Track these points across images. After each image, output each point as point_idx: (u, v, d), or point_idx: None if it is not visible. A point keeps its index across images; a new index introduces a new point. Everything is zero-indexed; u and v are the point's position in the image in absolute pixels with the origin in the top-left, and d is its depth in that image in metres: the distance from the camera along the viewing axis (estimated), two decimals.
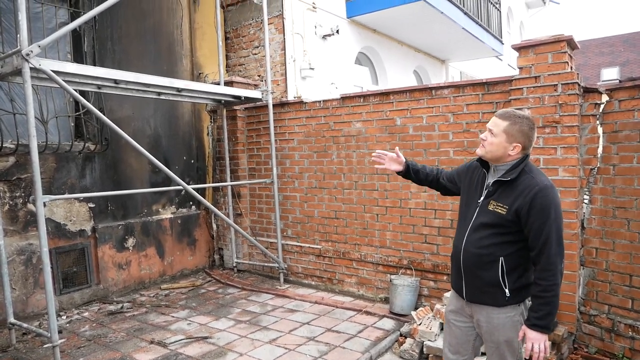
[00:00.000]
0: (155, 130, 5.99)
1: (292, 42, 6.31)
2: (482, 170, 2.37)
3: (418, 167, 2.74)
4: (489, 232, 2.23)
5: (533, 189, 2.12)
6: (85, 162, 5.26)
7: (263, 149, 6.09)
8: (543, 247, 2.09)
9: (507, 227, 2.18)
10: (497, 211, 2.21)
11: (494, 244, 2.21)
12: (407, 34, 8.70)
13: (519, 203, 2.14)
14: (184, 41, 6.32)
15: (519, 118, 2.19)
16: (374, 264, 5.11)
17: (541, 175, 2.20)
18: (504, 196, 2.21)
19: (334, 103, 5.34)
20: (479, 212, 2.30)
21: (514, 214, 2.15)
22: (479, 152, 2.31)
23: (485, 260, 2.23)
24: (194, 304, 5.18)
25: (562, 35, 3.77)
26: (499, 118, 2.23)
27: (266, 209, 6.14)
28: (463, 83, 4.44)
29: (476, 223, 2.29)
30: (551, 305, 2.10)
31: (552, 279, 2.08)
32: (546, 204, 2.09)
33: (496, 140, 2.21)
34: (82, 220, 5.24)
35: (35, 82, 3.85)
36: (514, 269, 2.20)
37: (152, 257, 5.92)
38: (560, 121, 3.80)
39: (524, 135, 2.18)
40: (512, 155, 2.21)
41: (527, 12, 16.79)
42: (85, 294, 5.24)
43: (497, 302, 2.23)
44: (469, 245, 2.30)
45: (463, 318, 2.43)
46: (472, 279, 2.30)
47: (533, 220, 2.10)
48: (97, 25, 5.34)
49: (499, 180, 2.23)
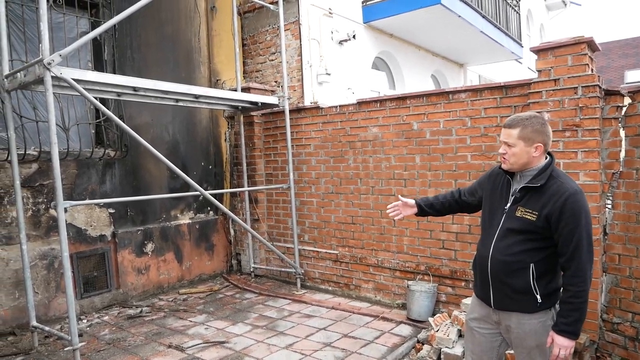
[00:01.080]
0: (173, 136, 6.07)
1: (308, 47, 6.34)
2: (506, 177, 2.34)
3: (430, 200, 2.72)
4: (518, 238, 2.21)
5: (563, 195, 2.09)
6: (105, 169, 5.36)
7: (280, 155, 6.12)
8: (574, 253, 2.07)
9: (537, 233, 2.16)
10: (526, 217, 2.18)
11: (523, 251, 2.19)
12: (424, 38, 8.66)
13: (549, 209, 2.11)
14: (202, 48, 6.40)
15: (527, 120, 2.18)
16: (391, 270, 5.07)
17: (570, 180, 2.18)
18: (532, 202, 2.18)
19: (350, 108, 5.33)
20: (505, 218, 2.27)
21: (544, 220, 2.13)
22: (505, 167, 2.29)
23: (514, 268, 2.20)
24: (212, 308, 5.22)
25: (582, 37, 3.70)
26: (508, 128, 2.22)
27: (283, 214, 6.16)
28: (481, 87, 4.39)
29: (504, 230, 2.26)
30: (580, 311, 2.08)
31: (582, 285, 2.06)
32: (577, 209, 2.07)
33: (517, 150, 2.19)
34: (102, 225, 5.33)
35: (57, 90, 3.95)
36: (544, 275, 2.18)
37: (170, 262, 5.99)
38: (580, 124, 3.72)
39: (540, 133, 2.16)
40: (537, 156, 2.19)
41: (548, 14, 16.56)
42: (105, 298, 5.32)
43: (528, 309, 2.20)
44: (496, 253, 2.26)
45: (488, 325, 2.39)
46: (501, 287, 2.26)
47: (564, 225, 2.08)
48: (117, 34, 5.45)
49: (527, 186, 2.20)
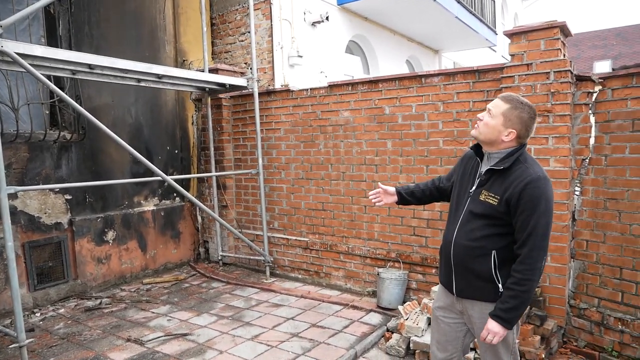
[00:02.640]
0: (136, 119, 5.79)
1: (279, 28, 6.12)
2: (476, 159, 2.24)
3: (411, 188, 2.59)
4: (480, 223, 2.10)
5: (525, 179, 1.99)
6: (61, 152, 5.06)
7: (249, 139, 5.91)
8: (526, 240, 1.97)
9: (499, 218, 2.06)
10: (488, 201, 2.08)
11: (485, 237, 2.09)
12: (399, 22, 8.52)
13: (509, 193, 2.02)
14: (167, 27, 6.10)
15: (521, 104, 2.06)
16: (362, 257, 4.98)
17: (536, 165, 2.07)
18: (496, 186, 2.08)
19: (321, 91, 5.17)
20: (470, 202, 2.17)
21: (505, 205, 2.03)
22: (473, 132, 2.18)
23: (476, 254, 2.10)
24: (176, 299, 5.02)
25: (555, 21, 3.62)
26: (501, 100, 2.10)
27: (252, 201, 5.98)
28: (453, 71, 4.29)
29: (467, 214, 2.16)
30: (519, 299, 1.98)
31: (528, 274, 1.96)
32: (536, 195, 1.96)
33: (492, 122, 2.08)
34: (58, 212, 5.04)
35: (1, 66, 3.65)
36: (506, 262, 2.07)
37: (133, 251, 5.74)
38: (552, 110, 3.67)
39: (522, 122, 2.05)
40: (506, 142, 2.08)
41: (522, 3, 16.65)
42: (61, 289, 5.05)
43: (490, 297, 2.10)
44: (459, 238, 2.17)
45: (452, 314, 2.30)
46: (464, 273, 2.17)
47: (521, 210, 1.98)
48: (73, 8, 5.11)
49: (492, 169, 2.10)
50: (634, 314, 3.43)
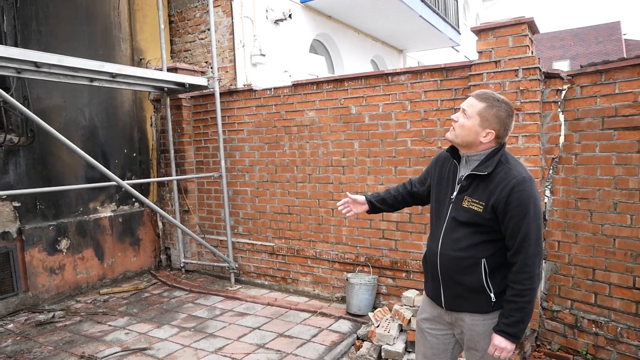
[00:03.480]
0: (90, 121, 5.45)
1: (241, 26, 5.89)
2: (453, 161, 2.08)
3: (381, 195, 2.42)
4: (465, 231, 1.96)
5: (510, 182, 1.85)
6: (7, 156, 4.69)
7: (211, 141, 5.66)
8: (520, 247, 1.84)
9: (486, 225, 1.92)
10: (472, 208, 1.93)
11: (473, 245, 1.94)
12: (363, 21, 8.43)
13: (495, 198, 1.88)
14: (123, 24, 5.78)
15: (497, 101, 1.92)
16: (330, 262, 4.82)
17: (519, 166, 1.93)
18: (479, 191, 1.94)
19: (285, 91, 4.98)
20: (452, 209, 2.02)
21: (491, 211, 1.89)
22: (448, 136, 2.02)
23: (465, 264, 1.96)
24: (135, 310, 4.74)
25: (523, 18, 3.57)
26: (475, 98, 1.95)
27: (215, 205, 5.73)
28: (421, 69, 4.19)
29: (450, 222, 2.01)
30: (524, 311, 1.85)
31: (528, 283, 1.84)
32: (524, 199, 1.83)
33: (468, 123, 1.93)
34: (5, 221, 4.67)
35: None
36: (497, 270, 1.94)
37: (89, 260, 5.40)
38: (521, 108, 3.61)
39: (500, 121, 1.91)
40: (484, 143, 1.94)
41: (483, 4, 16.92)
42: (10, 303, 4.68)
43: (482, 309, 1.96)
44: (445, 248, 2.01)
45: (440, 326, 2.14)
46: (452, 285, 2.02)
47: (510, 216, 1.85)
48: (19, 3, 4.75)
49: (473, 174, 1.95)
50: (608, 315, 3.39)
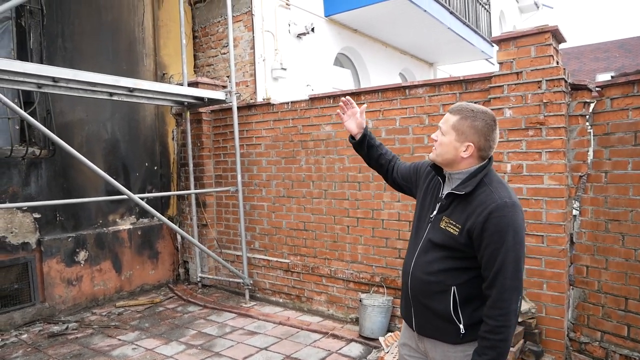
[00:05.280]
0: (112, 134, 5.53)
1: (262, 40, 5.88)
2: (438, 177, 1.92)
3: (375, 142, 2.27)
4: (439, 254, 1.79)
5: (488, 207, 1.67)
6: (30, 169, 4.80)
7: (230, 155, 5.63)
8: (495, 279, 1.65)
9: (460, 250, 1.74)
10: (449, 230, 1.76)
11: (444, 270, 1.77)
12: (390, 34, 8.29)
13: (471, 222, 1.69)
14: (147, 40, 5.88)
15: (471, 112, 1.75)
16: (345, 281, 4.64)
17: (503, 189, 1.73)
18: (457, 212, 1.76)
19: (302, 104, 4.89)
20: (430, 229, 1.85)
21: (466, 236, 1.71)
22: (431, 156, 1.88)
23: (434, 289, 1.79)
24: (147, 324, 4.70)
25: (547, 26, 3.35)
26: (449, 113, 1.81)
27: (233, 220, 5.68)
28: (439, 81, 4.01)
29: (426, 242, 1.85)
30: (497, 350, 1.65)
31: (502, 320, 1.64)
32: (502, 225, 1.64)
33: (445, 140, 1.78)
34: (25, 232, 4.76)
35: None
36: (469, 301, 1.75)
37: (107, 272, 5.43)
38: (545, 122, 3.36)
39: (477, 132, 1.74)
40: (465, 158, 1.77)
41: (521, 16, 16.46)
42: (27, 313, 4.74)
43: (451, 339, 1.79)
44: (416, 270, 1.85)
45: (417, 354, 1.97)
46: (422, 310, 1.85)
47: (486, 244, 1.66)
48: (46, 21, 4.90)
49: (453, 193, 1.79)
50: None
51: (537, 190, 3.43)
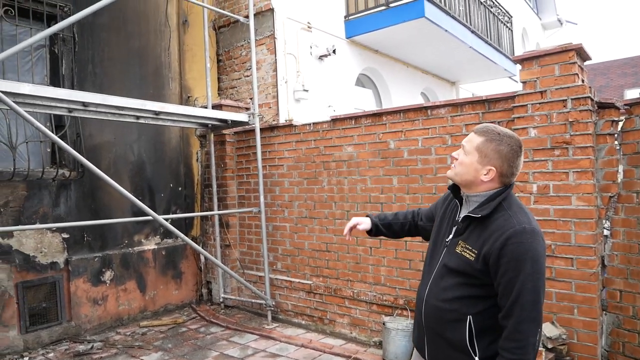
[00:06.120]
0: (139, 156, 5.66)
1: (284, 63, 5.97)
2: (456, 200, 1.88)
3: (388, 219, 2.23)
4: (454, 281, 1.73)
5: (506, 232, 1.60)
6: (59, 190, 4.93)
7: (253, 176, 5.68)
8: (512, 309, 1.57)
9: (476, 277, 1.67)
10: (464, 255, 1.71)
11: (459, 298, 1.70)
12: (411, 54, 8.32)
13: (487, 248, 1.63)
14: (172, 64, 6.04)
15: (498, 135, 1.70)
16: (368, 303, 4.58)
17: (522, 214, 1.66)
18: (473, 237, 1.71)
19: (324, 126, 4.93)
20: (445, 253, 1.80)
21: (482, 262, 1.64)
22: (449, 173, 1.83)
23: (448, 318, 1.72)
24: (170, 344, 4.71)
25: (570, 44, 3.31)
26: (475, 133, 1.76)
27: (255, 240, 5.69)
28: (461, 101, 3.99)
29: (441, 267, 1.79)
30: None
31: (519, 353, 1.55)
32: (520, 253, 1.57)
33: (467, 160, 1.74)
34: (54, 251, 4.87)
35: None
36: (485, 332, 1.67)
37: (132, 292, 5.50)
38: (571, 141, 3.30)
39: (501, 157, 1.69)
40: (485, 182, 1.72)
41: (544, 33, 16.33)
42: (54, 332, 4.82)
43: None
44: (430, 296, 1.79)
45: None
46: (435, 339, 1.79)
47: (502, 272, 1.59)
48: (77, 48, 5.10)
49: (469, 216, 1.74)
50: None
51: (565, 212, 3.35)
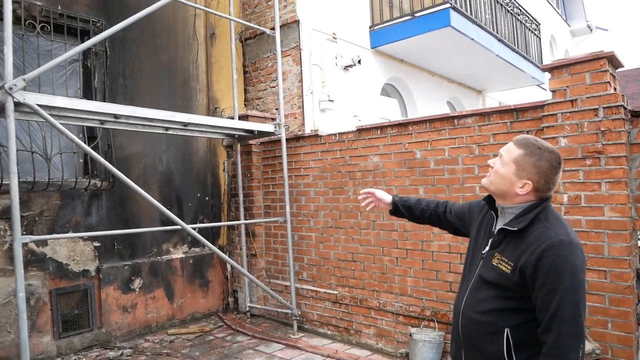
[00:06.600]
0: (167, 166, 5.78)
1: (309, 73, 6.03)
2: (491, 212, 1.86)
3: (410, 202, 2.27)
4: (490, 293, 1.70)
5: (543, 244, 1.56)
6: (91, 200, 5.08)
7: (279, 186, 5.73)
8: (551, 323, 1.52)
9: (513, 290, 1.64)
10: (500, 267, 1.68)
11: (496, 310, 1.67)
12: (437, 63, 8.28)
13: (524, 260, 1.59)
14: (200, 76, 6.18)
15: (538, 149, 1.65)
16: (394, 314, 4.54)
17: (560, 225, 1.62)
18: (510, 249, 1.68)
19: (349, 136, 4.94)
20: (481, 265, 1.78)
21: (519, 274, 1.61)
22: (483, 182, 1.81)
23: (485, 330, 1.69)
24: (197, 352, 4.77)
25: (602, 52, 3.24)
26: (514, 144, 1.71)
27: (281, 250, 5.73)
28: (489, 111, 3.95)
29: (477, 279, 1.77)
30: None
31: None
32: (558, 265, 1.53)
33: (503, 170, 1.70)
34: (86, 260, 5.01)
35: (25, 117, 3.71)
36: (524, 346, 1.63)
37: (160, 300, 5.59)
38: (603, 151, 3.22)
39: (539, 172, 1.64)
40: (521, 195, 1.69)
41: (573, 40, 16.02)
42: (86, 338, 4.94)
43: None
44: (467, 308, 1.77)
45: None
46: (472, 352, 1.76)
47: (540, 285, 1.55)
48: (109, 62, 5.27)
49: (505, 228, 1.71)
50: None
51: (598, 223, 3.27)
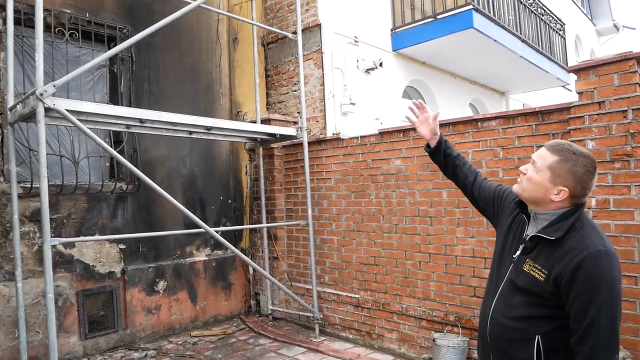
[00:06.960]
0: (191, 170, 5.86)
1: (331, 77, 6.05)
2: (522, 215, 1.81)
3: (452, 152, 2.17)
4: (522, 299, 1.66)
5: (580, 254, 1.52)
6: (117, 203, 5.18)
7: (300, 189, 5.75)
8: (586, 334, 1.49)
9: (545, 298, 1.60)
10: (533, 275, 1.63)
11: (527, 318, 1.64)
12: (459, 65, 8.20)
13: (559, 270, 1.55)
14: (223, 80, 6.25)
15: (573, 155, 1.61)
16: (417, 319, 4.50)
17: (596, 235, 1.58)
18: (543, 256, 1.63)
19: (372, 139, 4.93)
20: (512, 269, 1.73)
21: (553, 283, 1.57)
22: (515, 189, 1.76)
23: (515, 337, 1.66)
24: (220, 355, 4.81)
25: (630, 53, 3.17)
26: (548, 149, 1.66)
27: (303, 253, 5.74)
28: (513, 113, 3.89)
29: (508, 284, 1.73)
30: None
31: None
32: (595, 276, 1.49)
33: (537, 177, 1.65)
34: (112, 261, 5.11)
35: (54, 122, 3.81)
36: (555, 354, 1.60)
37: (183, 302, 5.66)
38: (633, 154, 3.15)
39: (575, 178, 1.60)
40: (555, 202, 1.64)
41: (599, 39, 15.67)
42: (111, 339, 5.03)
43: None
44: (497, 313, 1.74)
45: None
46: (500, 357, 1.73)
47: (576, 295, 1.51)
48: (135, 67, 5.38)
49: (539, 236, 1.66)
50: None
51: (627, 227, 3.18)
